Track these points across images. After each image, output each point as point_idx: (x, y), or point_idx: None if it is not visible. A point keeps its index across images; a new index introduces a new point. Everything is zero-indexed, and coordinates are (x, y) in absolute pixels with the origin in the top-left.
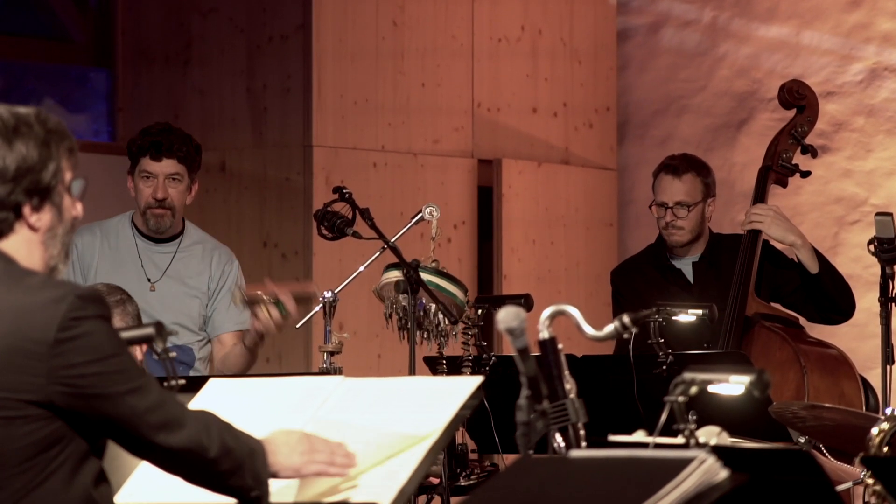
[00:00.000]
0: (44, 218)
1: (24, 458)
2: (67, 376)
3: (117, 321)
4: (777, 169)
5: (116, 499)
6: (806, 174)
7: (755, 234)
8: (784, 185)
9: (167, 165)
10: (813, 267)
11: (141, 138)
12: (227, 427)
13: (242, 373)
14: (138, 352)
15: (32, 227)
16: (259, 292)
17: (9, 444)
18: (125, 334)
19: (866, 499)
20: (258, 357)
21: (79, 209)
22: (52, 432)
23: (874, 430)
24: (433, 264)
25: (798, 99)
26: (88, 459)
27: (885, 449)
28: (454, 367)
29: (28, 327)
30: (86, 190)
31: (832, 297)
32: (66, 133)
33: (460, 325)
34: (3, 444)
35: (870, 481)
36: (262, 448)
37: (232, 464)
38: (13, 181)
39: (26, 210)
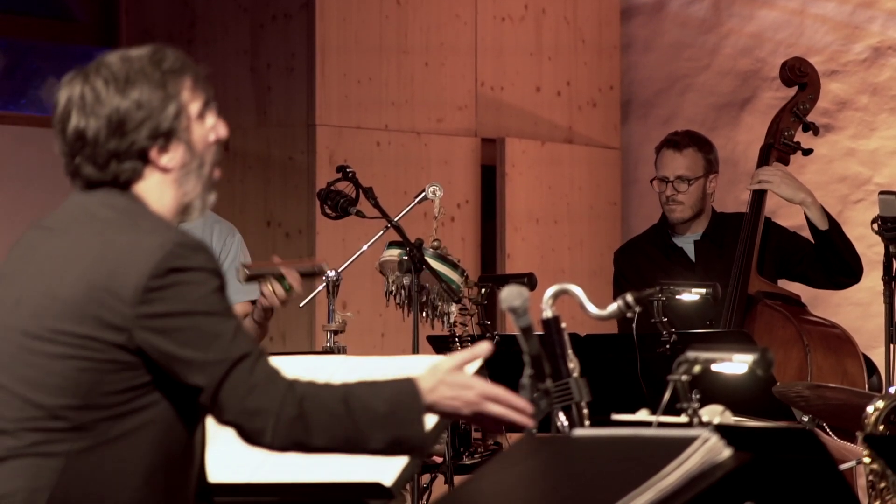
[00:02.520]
0: (174, 157)
1: (112, 404)
2: (152, 327)
3: None
4: (779, 146)
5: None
6: (808, 152)
7: (760, 198)
8: (786, 162)
9: None
10: (823, 224)
11: None
12: (343, 398)
13: None
14: None
15: (164, 169)
16: (263, 267)
17: (98, 387)
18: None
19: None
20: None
21: (220, 131)
22: (141, 385)
23: (869, 409)
24: (435, 243)
25: (800, 76)
26: (175, 429)
27: (882, 427)
28: (447, 346)
29: (124, 271)
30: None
31: (842, 256)
32: (185, 67)
33: (455, 306)
34: (94, 387)
35: (867, 460)
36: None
37: (340, 442)
38: (134, 131)
39: (153, 154)
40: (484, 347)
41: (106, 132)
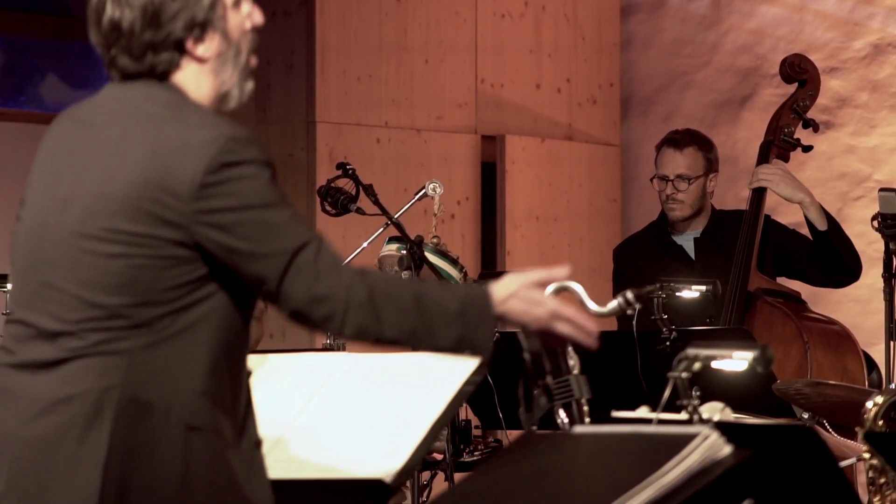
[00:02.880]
0: (210, 46)
1: (171, 299)
2: (211, 222)
3: None
4: (779, 143)
5: None
6: (808, 149)
7: (759, 196)
8: (786, 159)
9: None
10: (821, 224)
11: None
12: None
13: (253, 343)
14: None
15: (200, 59)
16: None
17: (156, 284)
18: None
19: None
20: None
21: (256, 17)
22: (198, 278)
23: (868, 405)
24: (434, 240)
25: (799, 73)
26: (232, 318)
27: (881, 423)
28: None
29: (178, 168)
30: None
31: (840, 255)
32: None
33: None
34: (152, 284)
35: (867, 456)
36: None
37: (407, 335)
38: (170, 21)
39: (189, 44)
40: (562, 271)
41: (141, 23)
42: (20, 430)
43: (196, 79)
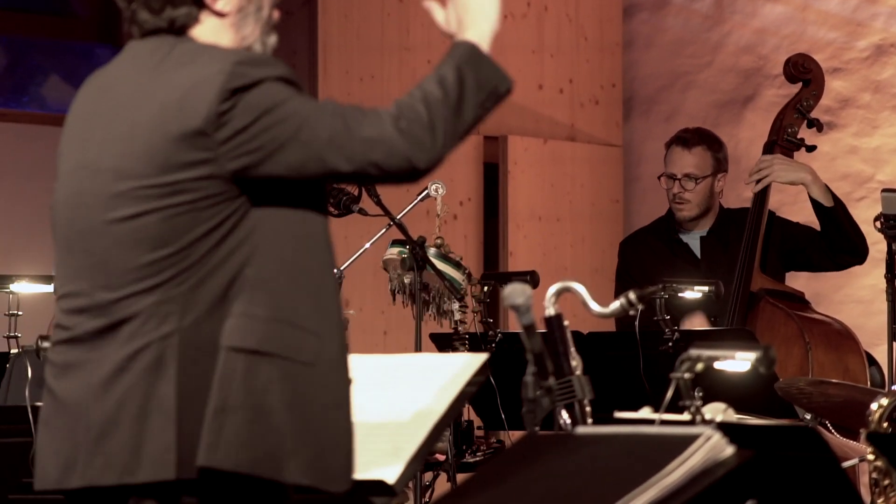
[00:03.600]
0: (230, 0)
1: (212, 235)
2: (238, 147)
3: None
4: (782, 143)
5: None
6: (812, 148)
7: (762, 196)
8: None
9: None
10: (827, 201)
11: None
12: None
13: None
14: None
15: (220, 13)
16: None
17: (197, 226)
18: None
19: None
20: None
21: None
22: (237, 209)
23: (874, 406)
24: (438, 241)
25: (803, 73)
26: (291, 233)
27: (885, 424)
28: (450, 343)
29: (193, 107)
30: None
31: (847, 233)
32: None
33: (457, 304)
34: (193, 227)
35: (871, 457)
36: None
37: (456, 113)
38: None
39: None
40: None
41: None
42: (95, 398)
43: (216, 33)
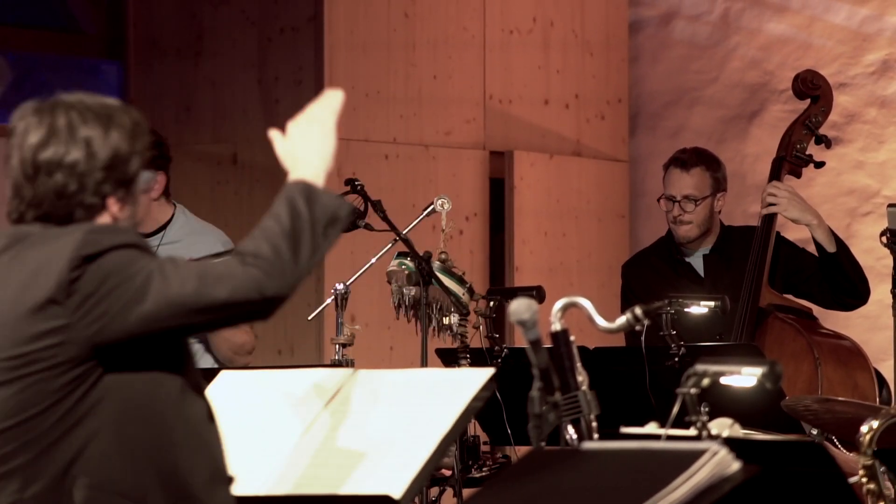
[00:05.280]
0: (125, 210)
1: (61, 402)
2: (90, 309)
3: None
4: (791, 159)
5: None
6: (820, 165)
7: (770, 219)
8: (798, 175)
9: None
10: (830, 246)
11: None
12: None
13: (238, 349)
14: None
15: (114, 218)
16: None
17: (46, 397)
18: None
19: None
20: (268, 348)
21: (144, 205)
22: (86, 372)
23: (864, 429)
24: (443, 256)
25: (812, 89)
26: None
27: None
28: (455, 359)
29: (47, 275)
30: (152, 184)
31: (849, 277)
32: (146, 129)
33: (455, 317)
34: (42, 398)
35: (864, 480)
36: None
37: (296, 243)
38: (106, 169)
39: (111, 201)
40: (336, 96)
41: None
42: None
43: None
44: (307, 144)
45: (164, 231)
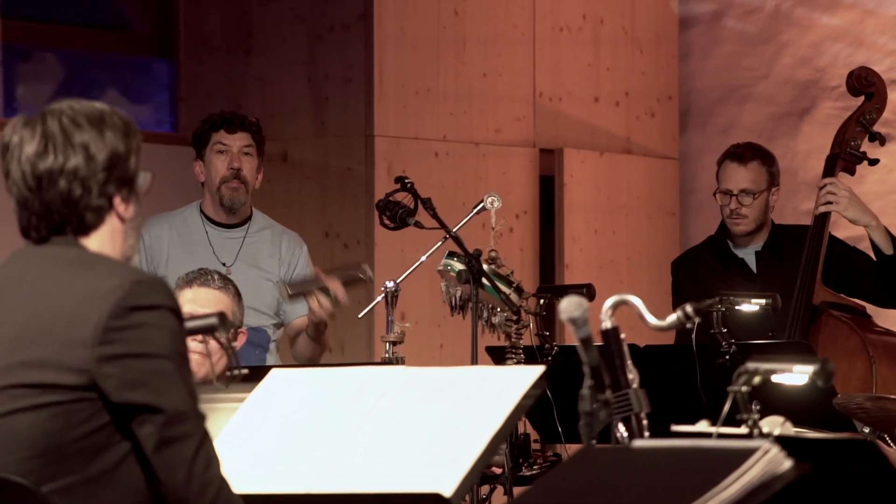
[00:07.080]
0: (130, 208)
1: (81, 449)
2: (112, 368)
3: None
4: (845, 156)
5: None
6: (874, 162)
7: (824, 217)
8: (852, 172)
9: (241, 138)
10: (888, 248)
11: (211, 117)
12: None
13: (314, 361)
14: (242, 338)
15: (121, 218)
16: (304, 283)
17: (66, 434)
18: (188, 324)
19: None
20: (327, 346)
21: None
22: (107, 423)
23: None
24: (492, 254)
25: (866, 86)
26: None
27: None
28: (505, 357)
29: (84, 313)
30: (151, 184)
31: None
32: (137, 128)
33: (501, 315)
34: (62, 435)
35: None
36: None
37: None
38: (107, 170)
39: (117, 200)
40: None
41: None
42: None
43: (112, 236)
44: None
45: (249, 223)
